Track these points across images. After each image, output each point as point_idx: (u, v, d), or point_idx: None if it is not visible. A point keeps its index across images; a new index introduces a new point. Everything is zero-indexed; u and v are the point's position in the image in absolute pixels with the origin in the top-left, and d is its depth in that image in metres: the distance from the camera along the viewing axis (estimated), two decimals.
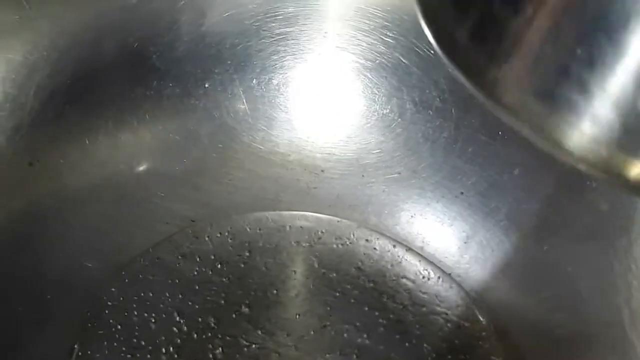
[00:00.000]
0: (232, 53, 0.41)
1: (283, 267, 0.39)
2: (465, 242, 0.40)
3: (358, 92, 0.41)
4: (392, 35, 0.40)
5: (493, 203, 0.40)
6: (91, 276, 0.36)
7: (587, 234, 0.37)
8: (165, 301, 0.36)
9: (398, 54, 0.40)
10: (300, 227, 0.40)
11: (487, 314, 0.38)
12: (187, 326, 0.35)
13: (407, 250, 0.40)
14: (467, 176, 0.40)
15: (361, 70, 0.41)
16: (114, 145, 0.40)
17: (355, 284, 0.38)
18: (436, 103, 0.40)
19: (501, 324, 0.37)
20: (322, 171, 0.41)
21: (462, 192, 0.40)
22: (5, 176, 0.37)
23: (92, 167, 0.39)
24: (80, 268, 0.36)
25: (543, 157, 0.38)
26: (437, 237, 0.40)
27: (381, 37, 0.40)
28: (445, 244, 0.40)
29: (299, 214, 0.41)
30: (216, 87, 0.41)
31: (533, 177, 0.38)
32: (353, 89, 0.41)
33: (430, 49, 0.40)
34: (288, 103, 0.42)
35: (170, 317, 0.35)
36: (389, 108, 0.41)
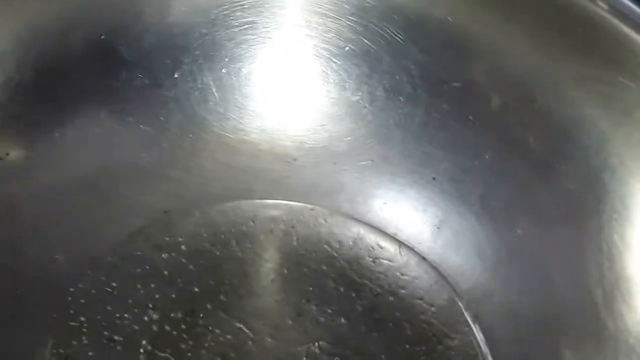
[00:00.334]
0: (200, 43, 0.40)
1: (257, 256, 0.39)
2: (438, 228, 0.40)
3: (328, 79, 0.41)
4: (361, 21, 0.40)
5: (465, 188, 0.40)
6: (63, 270, 0.36)
7: (559, 217, 0.37)
8: (138, 293, 0.36)
9: (367, 41, 0.40)
10: (273, 215, 0.40)
11: (462, 298, 0.38)
12: (161, 317, 0.35)
13: (381, 236, 0.40)
14: (439, 162, 0.40)
15: (330, 57, 0.41)
16: (83, 139, 0.39)
17: (330, 271, 0.38)
18: (407, 89, 0.40)
19: (476, 308, 0.38)
20: (294, 160, 0.41)
21: (434, 178, 0.40)
22: None
23: (61, 160, 0.39)
24: (51, 262, 0.36)
25: (513, 140, 0.39)
26: (410, 223, 0.40)
27: (350, 24, 0.40)
28: (419, 229, 0.40)
29: (272, 203, 0.41)
30: (186, 77, 0.41)
31: (504, 161, 0.39)
32: (323, 77, 0.41)
33: (400, 35, 0.40)
34: (258, 92, 0.42)
35: (144, 309, 0.35)
36: (359, 95, 0.41)
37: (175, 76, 0.40)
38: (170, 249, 0.38)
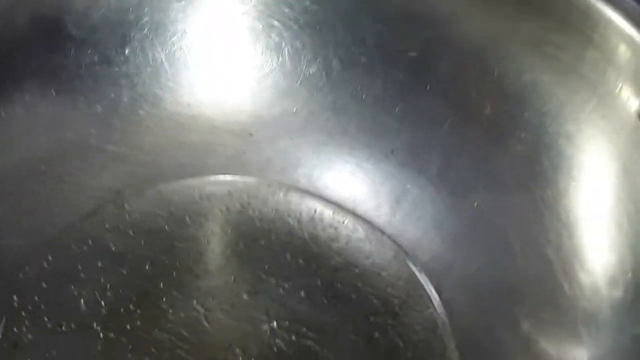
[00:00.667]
0: (150, 18, 0.39)
1: (212, 234, 0.38)
2: (397, 201, 0.39)
3: (283, 52, 0.40)
4: None
5: (423, 160, 0.39)
6: (14, 255, 0.35)
7: (516, 186, 0.37)
8: (91, 275, 0.35)
9: (322, 11, 0.39)
10: (229, 192, 0.39)
11: (422, 270, 0.37)
12: (114, 299, 0.34)
13: (339, 210, 0.39)
14: (397, 134, 0.40)
15: (284, 30, 0.40)
16: (32, 118, 0.38)
17: (287, 247, 0.38)
18: (363, 60, 0.39)
19: (436, 280, 0.37)
20: (250, 135, 0.41)
21: (392, 151, 0.40)
22: None
23: (10, 141, 0.38)
24: (1, 248, 0.35)
25: (470, 109, 0.38)
26: (368, 197, 0.40)
27: None
28: (377, 203, 0.40)
29: (228, 180, 0.40)
30: (136, 53, 0.40)
31: (461, 131, 0.38)
32: (278, 50, 0.40)
33: (354, 4, 0.39)
34: (211, 67, 0.41)
35: (97, 291, 0.35)
36: (315, 67, 0.40)
37: (126, 52, 0.39)
38: (123, 229, 0.37)
